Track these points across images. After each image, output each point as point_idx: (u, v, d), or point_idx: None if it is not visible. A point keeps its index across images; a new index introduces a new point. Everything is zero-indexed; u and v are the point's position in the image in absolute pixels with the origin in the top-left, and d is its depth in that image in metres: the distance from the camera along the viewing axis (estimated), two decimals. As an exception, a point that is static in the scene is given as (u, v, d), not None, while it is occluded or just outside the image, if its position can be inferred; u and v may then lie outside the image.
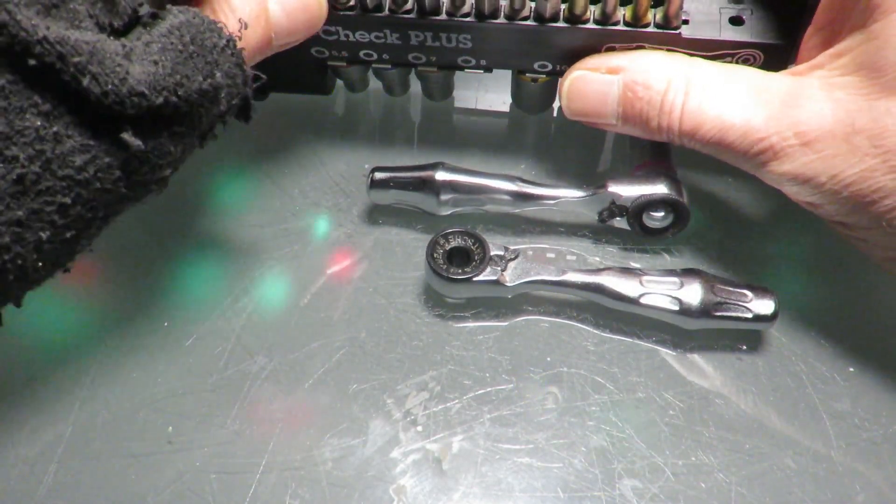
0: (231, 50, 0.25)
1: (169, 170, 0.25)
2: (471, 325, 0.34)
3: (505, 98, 0.42)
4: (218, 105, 0.25)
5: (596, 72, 0.32)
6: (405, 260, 0.36)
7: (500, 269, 0.33)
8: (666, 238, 0.36)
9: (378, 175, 0.36)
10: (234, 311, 0.34)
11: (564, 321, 0.34)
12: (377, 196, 0.36)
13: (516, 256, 0.33)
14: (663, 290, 0.32)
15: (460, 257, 0.34)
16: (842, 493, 0.30)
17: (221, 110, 0.26)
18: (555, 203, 0.35)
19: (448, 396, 0.32)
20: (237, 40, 0.26)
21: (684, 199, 0.34)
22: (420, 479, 0.30)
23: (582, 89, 0.33)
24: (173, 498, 0.29)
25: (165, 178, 0.25)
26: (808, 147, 0.28)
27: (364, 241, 0.37)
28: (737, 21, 0.32)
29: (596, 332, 0.34)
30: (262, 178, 0.39)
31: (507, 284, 0.33)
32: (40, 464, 0.30)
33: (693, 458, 0.30)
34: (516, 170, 0.39)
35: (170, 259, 0.36)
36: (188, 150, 0.26)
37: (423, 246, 0.33)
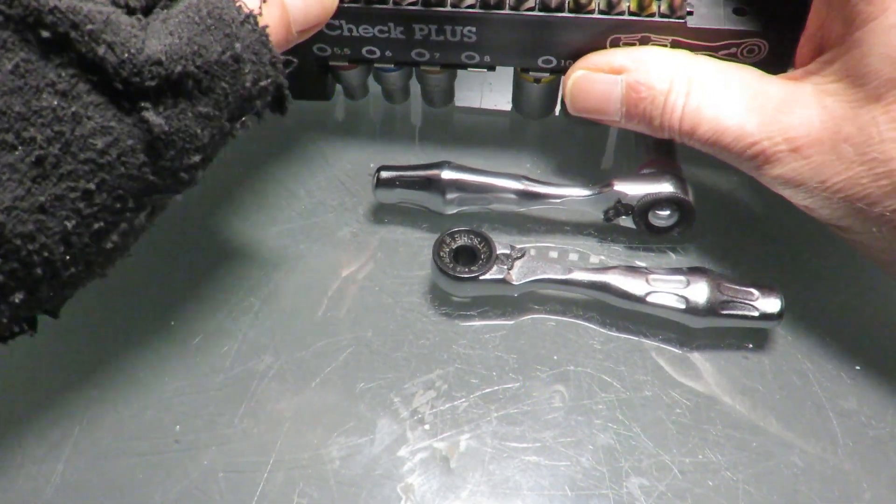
0: (251, 25, 0.24)
1: (197, 156, 0.24)
2: (477, 323, 0.34)
3: (508, 97, 0.42)
4: (242, 81, 0.24)
5: (599, 71, 0.33)
6: (411, 259, 0.36)
7: (506, 267, 0.33)
8: (672, 237, 0.36)
9: (384, 174, 0.36)
10: (240, 310, 0.34)
11: (571, 320, 0.34)
12: (383, 195, 0.36)
13: (522, 255, 0.33)
14: (669, 288, 0.32)
15: (466, 256, 0.34)
16: (848, 491, 0.30)
17: (247, 88, 0.25)
18: (560, 202, 0.35)
19: (455, 395, 0.32)
20: (257, 17, 0.25)
21: (690, 197, 0.34)
22: (428, 477, 0.30)
23: (585, 88, 0.33)
24: (181, 497, 0.29)
25: (195, 166, 0.24)
26: (798, 153, 0.28)
27: (370, 241, 0.37)
28: (740, 11, 0.32)
29: (602, 330, 0.34)
30: (268, 178, 0.39)
31: (514, 283, 0.33)
32: (48, 463, 0.30)
33: (700, 457, 0.30)
34: (521, 169, 0.39)
35: (176, 259, 0.36)
36: (217, 136, 0.25)
37: (429, 245, 0.34)
